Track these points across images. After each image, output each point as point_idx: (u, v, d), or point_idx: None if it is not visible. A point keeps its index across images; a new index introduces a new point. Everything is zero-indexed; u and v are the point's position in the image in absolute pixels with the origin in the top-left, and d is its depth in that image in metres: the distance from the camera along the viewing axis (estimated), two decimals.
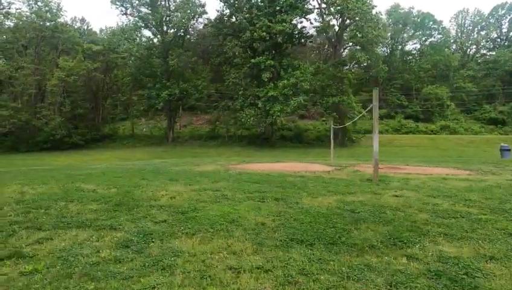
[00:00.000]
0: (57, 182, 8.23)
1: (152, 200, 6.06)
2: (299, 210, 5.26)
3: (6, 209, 5.58)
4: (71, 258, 3.40)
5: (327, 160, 19.62)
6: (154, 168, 12.55)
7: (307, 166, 13.72)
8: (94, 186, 7.54)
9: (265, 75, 28.58)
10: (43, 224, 4.60)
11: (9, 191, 7.14)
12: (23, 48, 34.40)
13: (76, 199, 6.15)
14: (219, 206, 5.55)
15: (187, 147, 34.28)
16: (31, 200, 6.16)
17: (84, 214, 5.18)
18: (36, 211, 5.40)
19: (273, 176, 9.37)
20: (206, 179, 8.86)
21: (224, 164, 14.77)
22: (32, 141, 34.74)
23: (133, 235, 4.12)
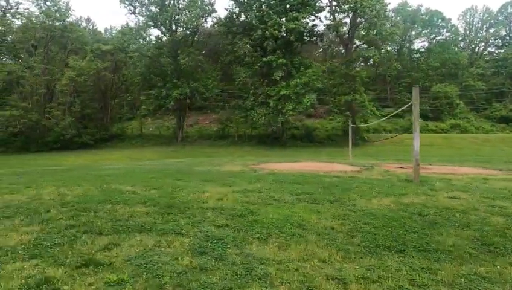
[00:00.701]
0: (91, 183, 8.04)
1: (200, 203, 5.84)
2: (361, 213, 5.03)
3: (54, 211, 5.38)
4: (153, 267, 3.19)
5: (344, 159, 19.38)
6: (177, 168, 12.34)
7: (331, 166, 13.47)
8: (131, 188, 7.33)
9: (277, 74, 28.30)
10: (102, 228, 4.40)
11: (46, 193, 6.95)
12: (33, 48, 34.29)
13: (121, 201, 5.94)
14: (274, 209, 5.33)
15: (197, 147, 34.07)
16: (74, 202, 5.96)
17: (137, 217, 4.97)
18: (86, 214, 5.20)
19: (308, 177, 9.13)
20: (239, 179, 8.64)
21: (244, 163, 14.53)
22: (42, 141, 34.66)
23: (203, 240, 3.91)
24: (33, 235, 4.22)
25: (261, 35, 28.98)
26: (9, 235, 4.27)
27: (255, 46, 32.08)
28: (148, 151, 32.09)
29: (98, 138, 36.60)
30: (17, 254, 3.62)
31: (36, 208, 5.62)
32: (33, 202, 6.07)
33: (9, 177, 10.26)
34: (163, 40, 33.77)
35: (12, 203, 6.02)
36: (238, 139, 35.30)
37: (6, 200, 6.29)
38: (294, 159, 18.65)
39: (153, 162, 18.25)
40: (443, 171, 11.13)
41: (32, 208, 5.63)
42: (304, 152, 29.17)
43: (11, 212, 5.35)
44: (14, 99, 33.00)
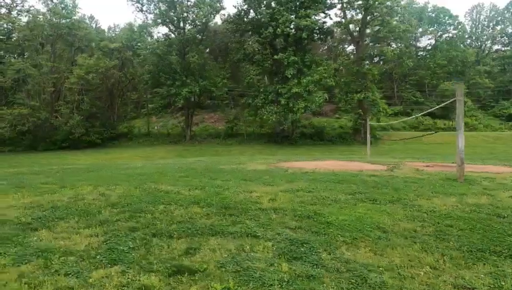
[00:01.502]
0: (127, 183, 7.80)
1: (254, 203, 5.61)
2: (434, 214, 4.80)
3: (106, 212, 5.16)
4: (253, 273, 2.97)
5: (361, 158, 19.14)
6: (202, 167, 12.09)
7: (356, 164, 13.21)
8: (172, 187, 7.09)
9: (289, 72, 27.99)
10: (169, 231, 4.18)
11: (85, 193, 6.72)
12: (40, 46, 33.98)
13: (172, 202, 5.71)
14: (338, 210, 5.10)
15: (206, 146, 33.81)
16: (122, 202, 5.73)
17: (198, 218, 4.75)
18: (142, 215, 4.98)
19: (345, 175, 8.87)
20: (276, 179, 8.37)
21: (265, 162, 14.26)
22: (50, 139, 34.40)
23: (287, 244, 3.68)
24: (99, 238, 4.00)
25: (272, 33, 28.65)
26: (73, 239, 4.04)
27: (264, 43, 31.77)
28: (159, 150, 31.82)
29: (106, 136, 36.32)
30: (94, 259, 3.39)
31: (86, 209, 5.39)
32: (78, 203, 5.84)
33: (36, 177, 10.01)
34: (172, 38, 33.41)
35: (58, 203, 5.79)
36: (247, 138, 35.02)
37: (50, 201, 6.05)
38: (313, 158, 18.37)
39: (169, 161, 17.99)
40: (478, 170, 10.88)
41: (81, 208, 5.40)
42: (316, 151, 28.87)
43: (61, 214, 5.12)
44: (21, 98, 32.73)
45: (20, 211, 5.36)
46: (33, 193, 6.78)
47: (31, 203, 5.93)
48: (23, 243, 3.93)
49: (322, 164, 14.18)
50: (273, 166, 12.53)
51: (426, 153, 25.23)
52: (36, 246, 3.79)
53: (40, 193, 6.75)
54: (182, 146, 34.08)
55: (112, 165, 16.37)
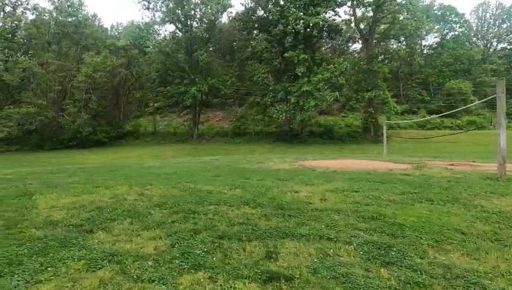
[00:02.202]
0: (163, 183, 7.59)
1: (306, 203, 5.41)
2: (504, 215, 4.59)
3: (157, 213, 4.96)
4: (357, 281, 2.77)
5: (377, 156, 18.94)
6: (224, 166, 11.90)
7: (381, 164, 12.98)
8: (210, 187, 6.90)
9: (300, 70, 27.72)
10: (236, 233, 3.98)
11: (123, 193, 6.51)
12: (47, 44, 33.69)
13: (220, 202, 5.51)
14: (399, 210, 4.89)
15: (214, 144, 33.58)
16: (168, 203, 5.51)
17: (257, 219, 4.56)
18: (195, 216, 4.77)
19: (378, 175, 8.67)
20: (312, 178, 8.15)
21: (285, 161, 14.05)
22: (57, 138, 34.18)
23: (370, 247, 3.48)
24: (165, 241, 3.80)
25: (282, 30, 28.37)
26: (137, 241, 3.84)
27: (272, 41, 31.48)
28: (167, 149, 31.61)
29: (113, 135, 36.09)
30: (172, 263, 3.20)
31: (133, 209, 5.18)
32: (122, 203, 5.63)
33: (55, 176, 9.81)
34: (180, 36, 33.10)
35: (101, 204, 5.59)
36: (254, 136, 34.79)
37: (90, 201, 5.85)
38: (328, 157, 18.15)
39: (183, 160, 17.78)
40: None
41: (128, 209, 5.20)
42: (326, 149, 28.65)
43: (110, 215, 4.92)
44: (28, 96, 32.48)
45: (65, 212, 5.16)
46: (69, 193, 6.58)
47: (72, 203, 5.72)
48: (85, 246, 3.72)
49: (344, 162, 13.95)
50: (296, 165, 12.33)
51: (438, 152, 24.98)
52: (101, 250, 3.59)
53: (76, 193, 6.54)
54: (190, 145, 33.87)
55: (129, 164, 16.15)
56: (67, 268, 3.15)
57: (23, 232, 4.28)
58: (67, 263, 3.26)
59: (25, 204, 5.76)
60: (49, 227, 4.45)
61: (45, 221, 4.71)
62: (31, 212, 5.24)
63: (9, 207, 5.59)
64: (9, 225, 4.56)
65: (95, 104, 33.13)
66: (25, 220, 4.83)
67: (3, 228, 4.50)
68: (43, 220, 4.79)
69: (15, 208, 5.53)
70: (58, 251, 3.58)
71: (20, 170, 13.98)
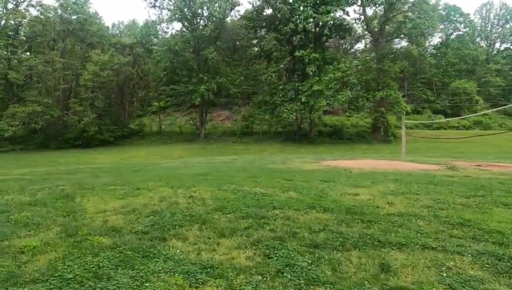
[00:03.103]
0: (205, 184, 7.24)
1: (374, 207, 5.11)
2: None
3: (221, 218, 4.64)
4: None
5: (395, 156, 18.68)
6: (255, 166, 11.57)
7: (409, 164, 12.71)
8: (261, 189, 6.56)
9: (311, 69, 27.42)
10: (326, 242, 3.68)
11: (170, 195, 6.18)
12: (53, 42, 33.13)
13: (284, 206, 5.21)
14: (484, 216, 4.59)
15: (223, 144, 33.22)
16: (228, 207, 5.19)
17: (336, 225, 4.26)
18: (267, 221, 4.46)
19: (421, 176, 8.40)
20: (357, 180, 7.85)
21: (306, 161, 13.76)
22: (62, 137, 33.68)
23: (490, 258, 3.18)
24: (254, 251, 3.48)
25: (293, 29, 28.03)
26: (221, 251, 3.52)
27: (281, 40, 31.12)
28: (175, 149, 31.23)
29: (119, 135, 35.63)
30: (283, 278, 2.89)
31: (194, 214, 4.85)
32: (178, 207, 5.30)
33: (73, 176, 9.44)
34: (188, 35, 32.66)
35: (155, 208, 5.25)
36: (262, 136, 34.47)
37: (142, 205, 5.50)
38: (345, 157, 17.85)
39: (199, 160, 17.42)
40: None
41: (189, 214, 4.87)
42: (337, 149, 28.41)
43: (173, 220, 4.58)
44: (33, 95, 31.95)
45: (122, 217, 4.82)
46: (112, 196, 6.22)
47: (122, 207, 5.39)
48: (169, 256, 3.40)
49: (370, 163, 13.66)
50: (324, 165, 12.05)
51: (450, 152, 24.78)
52: (190, 261, 3.28)
53: (121, 196, 6.18)
54: (198, 144, 33.49)
55: (147, 164, 15.78)
56: (166, 284, 2.84)
57: (88, 240, 3.95)
58: (163, 277, 2.95)
59: (72, 208, 5.41)
60: (113, 234, 4.12)
61: (105, 227, 4.38)
62: (84, 217, 4.90)
63: (57, 211, 5.24)
64: (69, 232, 4.21)
65: (101, 103, 32.61)
66: (82, 226, 4.49)
67: (65, 235, 4.15)
68: (102, 226, 4.46)
69: (63, 212, 5.19)
70: (143, 263, 3.26)
71: (33, 170, 13.61)
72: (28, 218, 4.91)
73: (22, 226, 4.54)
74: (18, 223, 4.66)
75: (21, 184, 8.42)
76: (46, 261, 3.36)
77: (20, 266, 3.30)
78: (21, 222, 4.70)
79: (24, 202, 5.91)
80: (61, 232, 4.27)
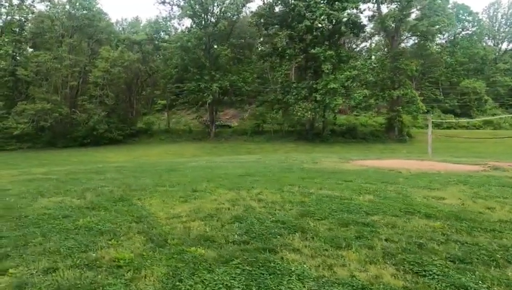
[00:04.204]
0: (260, 185, 6.75)
1: (477, 214, 4.63)
2: None
3: (318, 225, 4.15)
4: None
5: (419, 157, 18.21)
6: (287, 166, 11.09)
7: (445, 165, 12.24)
8: (329, 192, 6.08)
9: (326, 66, 26.91)
10: (457, 255, 3.19)
11: (235, 198, 5.69)
12: (61, 37, 32.47)
13: (379, 212, 4.71)
14: None
15: (235, 143, 32.69)
16: (315, 212, 4.72)
17: (448, 233, 3.79)
18: (374, 230, 3.99)
19: (481, 178, 7.92)
20: (418, 181, 7.39)
21: (337, 161, 13.29)
22: (71, 135, 33.08)
23: None
24: (393, 268, 3.00)
25: (309, 26, 27.48)
26: (353, 266, 3.04)
27: (294, 37, 30.57)
28: (186, 148, 30.70)
29: (127, 133, 35.04)
30: None
31: (278, 220, 4.38)
32: (257, 211, 4.81)
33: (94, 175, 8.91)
34: (200, 31, 32.05)
35: (235, 213, 4.75)
36: (274, 135, 33.97)
37: (215, 209, 5.02)
38: (373, 157, 17.36)
39: (222, 159, 16.86)
40: None
41: (279, 220, 4.37)
42: (353, 149, 27.93)
43: (266, 228, 4.09)
44: (41, 92, 31.33)
45: (201, 224, 4.34)
46: (173, 199, 5.73)
47: (194, 212, 4.91)
48: (294, 272, 2.93)
49: (408, 163, 13.10)
50: (361, 165, 11.58)
51: (468, 152, 24.34)
52: (327, 279, 2.80)
53: (182, 199, 5.69)
54: (209, 143, 32.97)
55: (173, 162, 15.22)
56: None
57: (186, 251, 3.45)
58: None
59: (138, 212, 4.92)
60: (209, 244, 3.63)
61: (193, 236, 3.89)
62: (160, 223, 4.40)
63: (124, 216, 4.75)
64: (157, 242, 3.72)
65: (112, 101, 31.98)
66: (165, 234, 3.99)
67: (153, 245, 3.66)
68: (187, 234, 3.98)
69: (132, 217, 4.69)
70: (275, 281, 2.78)
71: (53, 169, 13.10)
72: (96, 224, 4.42)
73: (96, 234, 4.05)
74: (90, 230, 4.17)
75: (53, 184, 7.94)
76: (156, 279, 2.88)
77: (128, 285, 2.82)
78: (92, 229, 4.21)
79: (80, 206, 5.41)
80: (146, 241, 3.77)
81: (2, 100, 37.65)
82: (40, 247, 3.69)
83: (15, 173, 12.16)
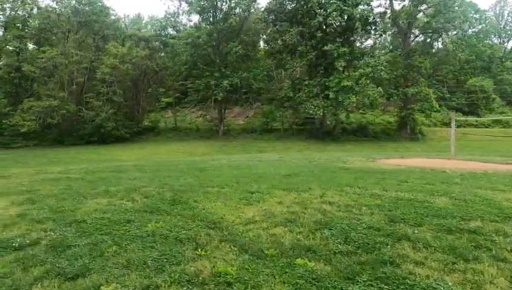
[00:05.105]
0: (316, 187, 6.33)
1: None
2: None
3: (417, 231, 3.72)
4: None
5: (439, 155, 17.87)
6: (322, 165, 10.69)
7: (483, 165, 11.84)
8: (400, 194, 5.65)
9: (340, 64, 26.44)
10: None
11: (295, 201, 5.26)
12: (68, 33, 31.82)
13: (471, 217, 4.28)
14: None
15: (244, 141, 32.20)
16: (406, 218, 4.30)
17: None
18: (492, 238, 3.56)
19: None
20: (470, 181, 7.00)
21: (363, 161, 12.89)
22: (77, 133, 32.52)
23: None
24: None
25: (322, 22, 27.00)
26: (479, 281, 2.64)
27: (305, 34, 30.05)
28: (197, 145, 30.18)
29: (135, 131, 34.49)
30: None
31: (370, 226, 3.97)
32: (336, 215, 4.40)
33: (128, 174, 8.45)
34: (210, 27, 31.47)
35: (312, 218, 4.34)
36: (284, 134, 33.53)
37: (287, 212, 4.60)
38: (394, 156, 16.95)
39: (239, 158, 16.38)
40: None
41: (364, 226, 3.96)
42: (366, 147, 27.55)
43: (361, 236, 3.68)
44: (48, 89, 30.72)
45: (284, 230, 3.94)
46: (233, 201, 5.30)
47: (267, 217, 4.47)
48: None
49: (440, 162, 12.76)
50: (393, 165, 11.20)
51: (490, 151, 23.95)
52: None
53: (245, 202, 5.26)
54: (218, 141, 32.47)
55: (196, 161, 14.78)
56: None
57: (297, 265, 3.03)
58: None
59: (206, 217, 4.48)
60: (315, 256, 3.22)
61: (289, 245, 3.47)
62: (237, 230, 3.97)
63: (193, 221, 4.32)
64: (255, 253, 3.30)
65: (120, 98, 31.38)
66: (252, 243, 3.56)
67: (250, 256, 3.24)
68: (280, 242, 3.56)
69: (202, 222, 4.27)
70: None
71: (70, 168, 12.66)
72: (168, 230, 3.99)
73: (175, 243, 3.63)
74: (166, 238, 3.74)
75: (83, 185, 7.52)
76: None
77: None
78: (168, 237, 3.78)
79: (136, 209, 4.97)
80: (239, 252, 3.35)
81: (7, 97, 37.08)
82: (121, 258, 3.27)
83: (30, 171, 11.73)
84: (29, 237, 3.84)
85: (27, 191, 6.99)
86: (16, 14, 36.99)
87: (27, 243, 3.67)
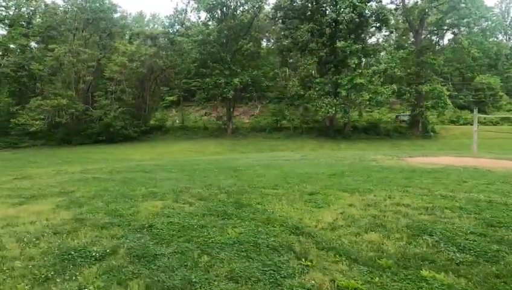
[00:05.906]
0: (382, 188, 6.02)
1: None
2: None
3: None
4: None
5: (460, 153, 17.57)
6: (358, 165, 10.37)
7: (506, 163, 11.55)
8: (466, 194, 5.35)
9: (353, 61, 26.11)
10: None
11: (367, 203, 4.96)
12: (75, 31, 31.40)
13: None
14: None
15: (254, 139, 31.86)
16: (502, 221, 3.98)
17: None
18: None
19: None
20: None
21: (388, 159, 12.59)
22: (85, 132, 32.15)
23: None
24: None
25: (334, 19, 26.65)
26: None
27: (316, 31, 29.67)
28: (207, 144, 29.83)
29: (143, 130, 34.11)
30: None
31: (474, 231, 3.65)
32: (437, 219, 4.09)
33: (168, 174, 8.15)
34: (221, 24, 31.04)
35: (409, 223, 4.04)
36: (294, 132, 33.20)
37: (364, 215, 4.30)
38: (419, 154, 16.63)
39: (261, 156, 16.03)
40: None
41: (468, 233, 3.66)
42: (380, 145, 27.17)
43: (473, 243, 3.39)
44: (56, 88, 30.33)
45: (379, 236, 3.63)
46: (299, 204, 4.99)
47: (347, 220, 4.16)
48: None
49: (472, 161, 12.45)
50: (426, 163, 10.90)
51: (506, 149, 23.64)
52: None
53: (313, 205, 4.95)
54: (227, 140, 32.14)
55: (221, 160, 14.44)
56: None
57: (424, 277, 2.75)
58: None
59: (283, 221, 4.17)
60: (434, 266, 2.93)
61: (398, 253, 3.16)
62: (324, 235, 3.68)
63: (270, 226, 4.02)
64: (366, 263, 3.00)
65: (129, 96, 30.97)
66: (357, 251, 3.26)
67: (362, 266, 2.94)
68: (387, 251, 3.24)
69: (281, 228, 3.96)
70: None
71: (87, 168, 12.35)
72: (253, 237, 3.67)
73: (271, 251, 3.31)
74: (257, 246, 3.43)
75: (117, 185, 7.23)
76: None
77: None
78: (259, 245, 3.47)
79: (199, 213, 4.65)
80: (349, 262, 3.05)
81: (11, 96, 36.66)
82: (219, 269, 2.97)
83: (50, 171, 11.42)
84: (104, 245, 3.53)
85: (61, 192, 6.70)
86: (20, 12, 36.56)
87: (106, 252, 3.37)
